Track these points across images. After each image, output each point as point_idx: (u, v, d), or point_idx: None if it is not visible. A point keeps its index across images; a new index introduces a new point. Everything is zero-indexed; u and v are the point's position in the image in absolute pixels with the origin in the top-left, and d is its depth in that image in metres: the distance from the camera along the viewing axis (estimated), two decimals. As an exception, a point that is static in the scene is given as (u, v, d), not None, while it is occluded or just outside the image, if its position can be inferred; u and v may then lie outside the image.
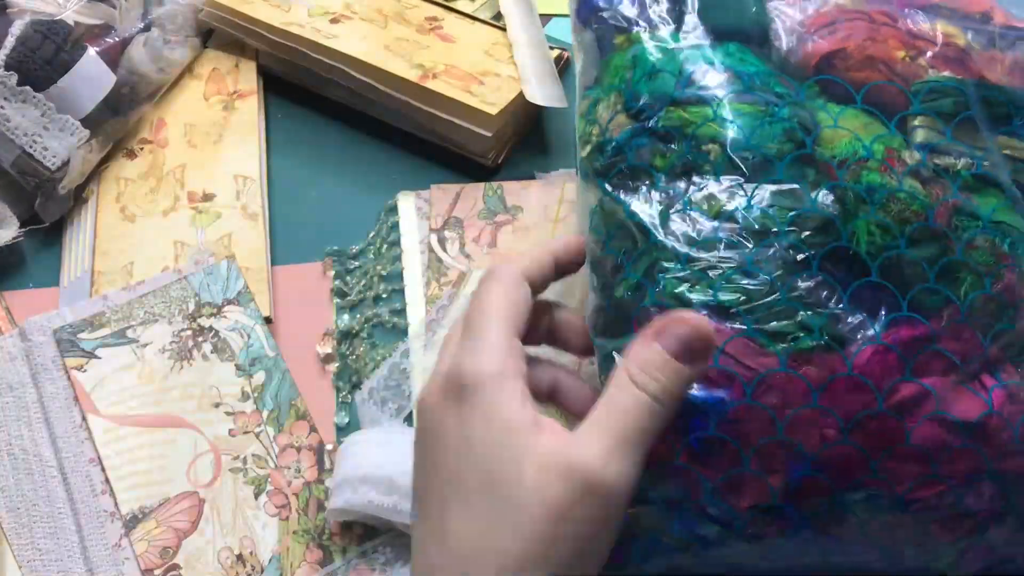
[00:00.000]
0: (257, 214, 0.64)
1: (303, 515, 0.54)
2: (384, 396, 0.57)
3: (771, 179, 0.39)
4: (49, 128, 0.62)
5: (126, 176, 0.67)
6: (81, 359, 0.58)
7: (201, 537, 0.53)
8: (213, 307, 0.60)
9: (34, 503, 0.54)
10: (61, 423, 0.57)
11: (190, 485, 0.55)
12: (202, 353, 0.59)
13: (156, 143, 0.68)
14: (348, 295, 0.61)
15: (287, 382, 0.58)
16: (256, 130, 0.68)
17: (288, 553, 0.53)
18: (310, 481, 0.55)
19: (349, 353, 0.59)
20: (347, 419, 0.58)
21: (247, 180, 0.65)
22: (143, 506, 0.54)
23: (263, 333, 0.59)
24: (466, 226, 0.64)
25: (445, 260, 0.62)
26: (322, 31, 0.67)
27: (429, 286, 0.61)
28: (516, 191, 0.65)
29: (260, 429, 0.57)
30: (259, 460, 0.56)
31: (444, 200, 0.65)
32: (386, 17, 0.70)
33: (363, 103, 0.67)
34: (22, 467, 0.56)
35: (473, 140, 0.63)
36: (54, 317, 0.59)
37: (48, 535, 0.54)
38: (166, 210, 0.65)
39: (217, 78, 0.70)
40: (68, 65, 0.62)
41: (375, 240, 0.64)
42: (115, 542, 0.54)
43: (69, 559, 0.53)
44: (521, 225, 0.63)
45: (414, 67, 0.64)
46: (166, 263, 0.62)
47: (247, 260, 0.62)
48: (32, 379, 0.58)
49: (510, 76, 0.65)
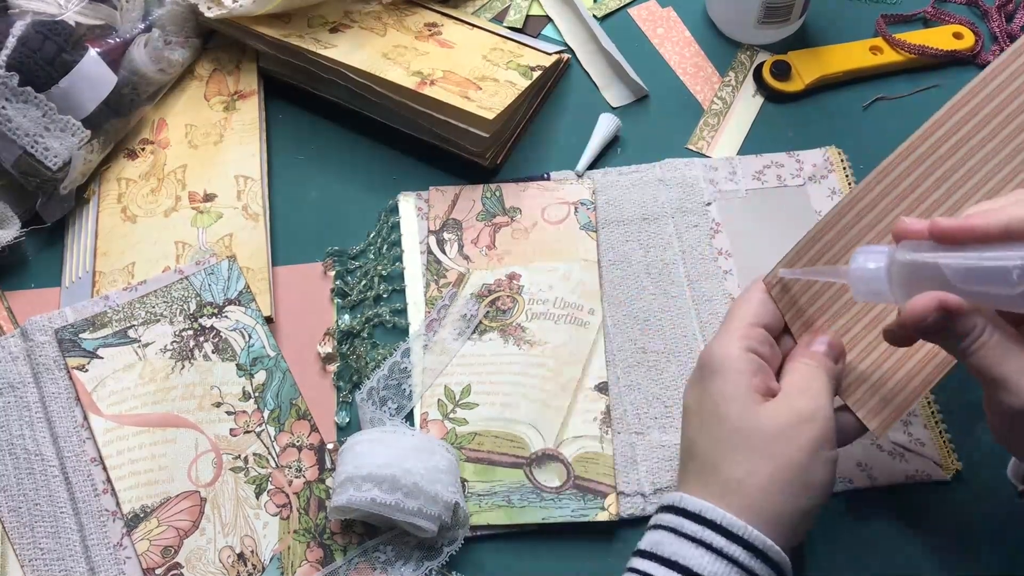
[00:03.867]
0: (258, 214, 0.64)
1: (304, 514, 0.54)
2: (384, 396, 0.58)
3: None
4: (50, 128, 0.62)
5: (127, 176, 0.67)
6: (82, 359, 0.58)
7: (202, 536, 0.54)
8: (214, 307, 0.60)
9: (36, 502, 0.55)
10: (63, 423, 0.57)
11: (191, 484, 0.55)
12: (203, 353, 0.59)
13: (157, 143, 0.68)
14: (349, 295, 0.62)
15: (288, 382, 0.58)
16: (257, 131, 0.68)
17: (289, 552, 0.53)
18: (311, 480, 0.55)
19: (350, 353, 0.60)
20: (348, 418, 0.58)
21: (248, 180, 0.66)
22: (144, 505, 0.54)
23: (264, 333, 0.60)
24: (465, 228, 0.64)
25: (444, 262, 0.63)
26: (321, 41, 0.67)
27: (428, 288, 0.62)
28: (515, 192, 0.65)
29: (261, 429, 0.57)
30: (260, 459, 0.56)
31: (442, 202, 0.65)
32: (385, 25, 0.70)
33: (363, 104, 0.68)
34: (24, 466, 0.56)
35: (471, 142, 0.64)
36: (56, 317, 0.60)
37: (50, 534, 0.54)
38: (167, 210, 0.65)
39: (218, 79, 0.71)
40: (69, 66, 0.62)
41: (375, 240, 0.64)
42: (116, 541, 0.54)
43: (71, 558, 0.53)
44: (520, 226, 0.64)
45: (412, 74, 0.65)
46: (167, 263, 0.63)
47: (248, 260, 0.62)
48: (34, 379, 0.58)
49: (508, 81, 0.66)
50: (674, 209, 0.64)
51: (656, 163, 0.66)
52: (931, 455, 0.55)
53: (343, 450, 0.53)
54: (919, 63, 0.71)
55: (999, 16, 0.73)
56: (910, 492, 0.55)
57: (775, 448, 0.43)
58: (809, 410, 0.44)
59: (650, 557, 0.43)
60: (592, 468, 0.55)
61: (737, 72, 0.71)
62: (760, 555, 0.42)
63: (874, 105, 0.69)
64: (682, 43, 0.73)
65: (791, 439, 0.43)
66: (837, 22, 0.73)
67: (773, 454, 0.43)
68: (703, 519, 0.43)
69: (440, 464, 0.52)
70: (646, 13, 0.75)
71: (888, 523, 0.54)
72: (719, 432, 0.45)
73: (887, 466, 0.55)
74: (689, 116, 0.69)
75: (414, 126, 0.67)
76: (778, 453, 0.43)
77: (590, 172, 0.66)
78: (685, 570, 0.42)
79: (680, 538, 0.43)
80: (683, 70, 0.72)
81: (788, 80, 0.69)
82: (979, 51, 0.71)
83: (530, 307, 0.61)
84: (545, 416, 0.57)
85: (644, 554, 0.44)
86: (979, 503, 0.54)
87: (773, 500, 0.43)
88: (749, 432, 0.44)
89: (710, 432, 0.45)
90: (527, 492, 0.55)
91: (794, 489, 0.43)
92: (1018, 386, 0.39)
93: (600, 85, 0.71)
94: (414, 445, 0.52)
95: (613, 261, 0.63)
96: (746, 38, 0.72)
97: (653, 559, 0.43)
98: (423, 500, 0.50)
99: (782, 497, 0.43)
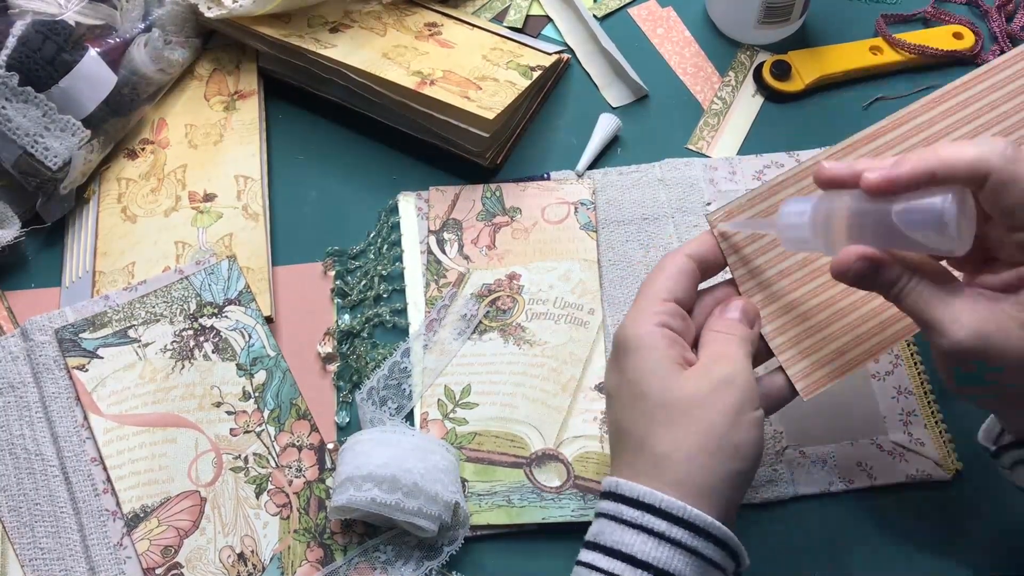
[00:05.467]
0: (258, 214, 0.64)
1: (304, 514, 0.54)
2: (384, 395, 0.58)
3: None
4: (50, 128, 0.62)
5: (127, 176, 0.67)
6: (83, 359, 0.58)
7: (202, 536, 0.54)
8: (214, 307, 0.60)
9: (36, 502, 0.55)
10: (63, 422, 0.57)
11: (191, 484, 0.55)
12: (203, 353, 0.59)
13: (157, 143, 0.68)
14: (349, 295, 0.62)
15: (288, 382, 0.58)
16: (257, 131, 0.68)
17: (289, 552, 0.53)
18: (311, 480, 0.55)
19: (350, 353, 0.60)
20: (348, 418, 0.58)
21: (248, 180, 0.66)
22: (144, 505, 0.54)
23: (264, 333, 0.60)
24: (465, 228, 0.64)
25: (444, 262, 0.63)
26: (321, 41, 0.67)
27: (428, 288, 0.62)
28: (515, 193, 0.65)
29: (261, 428, 0.57)
30: (260, 459, 0.56)
31: (442, 202, 0.65)
32: (385, 25, 0.70)
33: (363, 104, 0.68)
34: (24, 466, 0.56)
35: (471, 142, 0.64)
36: (56, 317, 0.60)
37: (50, 534, 0.54)
38: (167, 210, 0.65)
39: (218, 79, 0.71)
40: (69, 65, 0.62)
41: (375, 240, 0.64)
42: (117, 541, 0.54)
43: (71, 558, 0.53)
44: (520, 226, 0.64)
45: (412, 74, 0.65)
46: (167, 263, 0.63)
47: (248, 260, 0.62)
48: (34, 379, 0.58)
49: (508, 81, 0.66)
50: (674, 209, 0.64)
51: (656, 163, 0.66)
52: (931, 455, 0.55)
53: (343, 450, 0.53)
54: (919, 63, 0.71)
55: (999, 16, 0.73)
56: (910, 492, 0.55)
57: (697, 416, 0.43)
58: (727, 374, 0.44)
59: (595, 548, 0.43)
60: (592, 468, 0.55)
61: (737, 72, 0.71)
62: (703, 534, 0.42)
63: (874, 105, 0.69)
64: (682, 43, 0.73)
65: (712, 405, 0.43)
66: (837, 22, 0.73)
67: (696, 422, 0.43)
68: (641, 504, 0.43)
69: (440, 464, 0.52)
70: (646, 13, 0.75)
71: (888, 523, 0.54)
72: (642, 409, 0.44)
73: (887, 466, 0.55)
74: (689, 116, 0.69)
75: (414, 126, 0.67)
76: (701, 420, 0.43)
77: (590, 172, 0.66)
78: (629, 558, 0.42)
79: (621, 525, 0.43)
80: (683, 70, 0.72)
81: (788, 80, 0.69)
82: (979, 51, 0.71)
83: (530, 307, 0.61)
84: (545, 416, 0.57)
85: (589, 545, 0.44)
86: (979, 503, 0.54)
87: (703, 469, 0.43)
88: (670, 404, 0.44)
89: (633, 411, 0.45)
90: (527, 492, 0.55)
91: (723, 454, 0.43)
92: (943, 327, 0.40)
93: (600, 85, 0.71)
94: (414, 445, 0.52)
95: (613, 261, 0.63)
96: (746, 38, 0.72)
97: (597, 549, 0.43)
98: (423, 500, 0.50)
99: (711, 464, 0.43)
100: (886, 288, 0.42)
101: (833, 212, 0.42)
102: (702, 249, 0.49)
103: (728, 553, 0.43)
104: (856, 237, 0.41)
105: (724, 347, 0.46)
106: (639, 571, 0.41)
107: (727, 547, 0.43)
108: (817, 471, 0.55)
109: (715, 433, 0.43)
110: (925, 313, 0.41)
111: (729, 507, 0.44)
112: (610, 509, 0.44)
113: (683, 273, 0.48)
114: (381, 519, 0.52)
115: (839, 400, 0.57)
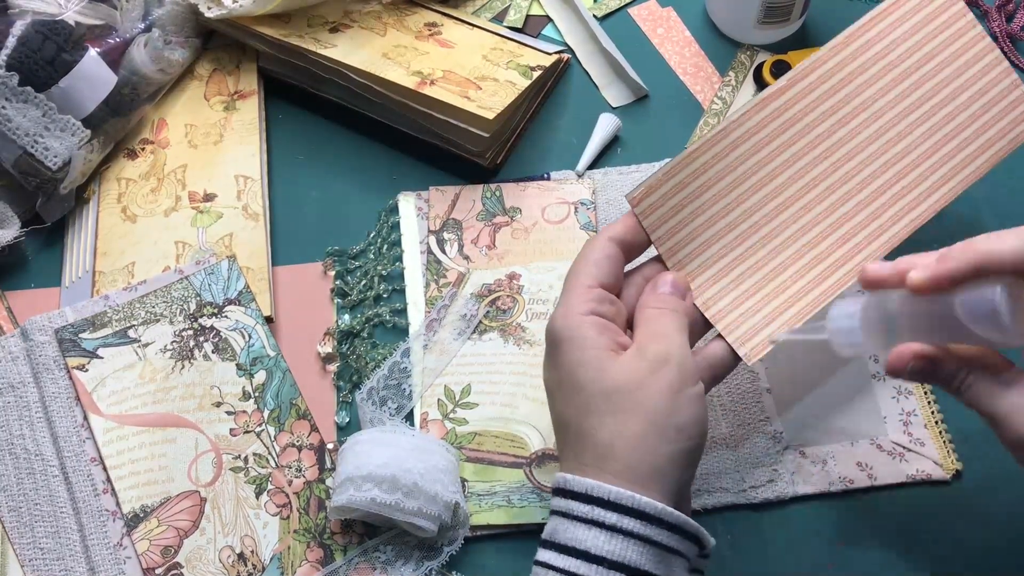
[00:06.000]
0: (258, 214, 0.64)
1: (304, 514, 0.54)
2: (384, 395, 0.58)
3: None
4: (50, 128, 0.62)
5: (127, 176, 0.67)
6: (82, 359, 0.58)
7: (202, 536, 0.54)
8: (214, 307, 0.60)
9: (36, 502, 0.55)
10: (63, 422, 0.57)
11: (191, 484, 0.55)
12: (203, 353, 0.59)
13: (157, 143, 0.68)
14: (348, 295, 0.62)
15: (288, 382, 0.58)
16: (257, 130, 0.68)
17: (289, 552, 0.53)
18: (311, 480, 0.55)
19: (350, 353, 0.60)
20: (348, 418, 0.58)
21: (248, 180, 0.66)
22: (144, 505, 0.54)
23: (264, 333, 0.60)
24: (465, 227, 0.64)
25: (444, 262, 0.63)
26: (321, 41, 0.67)
27: (428, 288, 0.62)
28: (515, 192, 0.65)
29: (261, 428, 0.57)
30: (260, 459, 0.56)
31: (442, 202, 0.65)
32: (385, 25, 0.70)
33: (363, 104, 0.68)
34: (24, 466, 0.56)
35: (471, 141, 0.64)
36: (55, 317, 0.60)
37: (50, 534, 0.54)
38: (167, 210, 0.65)
39: (218, 79, 0.71)
40: (69, 65, 0.62)
41: (375, 240, 0.64)
42: (116, 541, 0.54)
43: (71, 558, 0.53)
44: (520, 226, 0.64)
45: (412, 74, 0.65)
46: (167, 263, 0.63)
47: (248, 260, 0.62)
48: (34, 379, 0.58)
49: (508, 81, 0.66)
50: (674, 209, 0.64)
51: (656, 163, 0.66)
52: (931, 455, 0.55)
53: (343, 450, 0.53)
54: (919, 63, 0.71)
55: (999, 16, 0.73)
56: (910, 492, 0.55)
57: (636, 400, 0.43)
58: (662, 353, 0.44)
59: (551, 546, 0.43)
60: (592, 468, 0.55)
61: (737, 72, 0.71)
62: (655, 521, 0.41)
63: (874, 105, 0.69)
64: (682, 43, 0.73)
65: (649, 387, 0.43)
66: (837, 22, 0.73)
67: (635, 407, 0.43)
68: (591, 497, 0.42)
69: (440, 464, 0.52)
70: (646, 13, 0.75)
71: (888, 523, 0.54)
72: (580, 400, 0.44)
73: (887, 466, 0.55)
74: (689, 116, 0.69)
75: (414, 126, 0.67)
76: (640, 404, 0.43)
77: (590, 172, 0.66)
78: (583, 554, 0.41)
79: (573, 521, 0.42)
80: (683, 70, 0.72)
81: (788, 80, 0.69)
82: (979, 51, 0.71)
83: (530, 307, 0.61)
84: (545, 416, 0.57)
85: (545, 544, 0.43)
86: (979, 503, 0.54)
87: (647, 454, 0.42)
88: (608, 392, 0.43)
89: (573, 403, 0.44)
90: (527, 492, 0.55)
91: (667, 435, 0.43)
92: (1004, 420, 0.40)
93: (600, 85, 0.71)
94: (414, 445, 0.52)
95: (613, 261, 0.63)
96: (746, 38, 0.72)
97: (553, 548, 0.42)
98: (423, 500, 0.50)
99: (656, 448, 0.42)
100: (946, 383, 0.42)
101: (887, 314, 0.42)
102: (624, 230, 0.48)
103: (685, 537, 0.42)
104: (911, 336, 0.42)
105: (657, 324, 0.46)
106: (594, 566, 0.41)
107: (684, 531, 0.42)
108: (817, 471, 0.55)
109: (656, 416, 0.42)
110: (985, 407, 0.41)
111: (681, 489, 0.43)
112: (561, 506, 0.43)
113: (607, 257, 0.47)
114: (381, 519, 0.52)
115: (839, 400, 0.57)
